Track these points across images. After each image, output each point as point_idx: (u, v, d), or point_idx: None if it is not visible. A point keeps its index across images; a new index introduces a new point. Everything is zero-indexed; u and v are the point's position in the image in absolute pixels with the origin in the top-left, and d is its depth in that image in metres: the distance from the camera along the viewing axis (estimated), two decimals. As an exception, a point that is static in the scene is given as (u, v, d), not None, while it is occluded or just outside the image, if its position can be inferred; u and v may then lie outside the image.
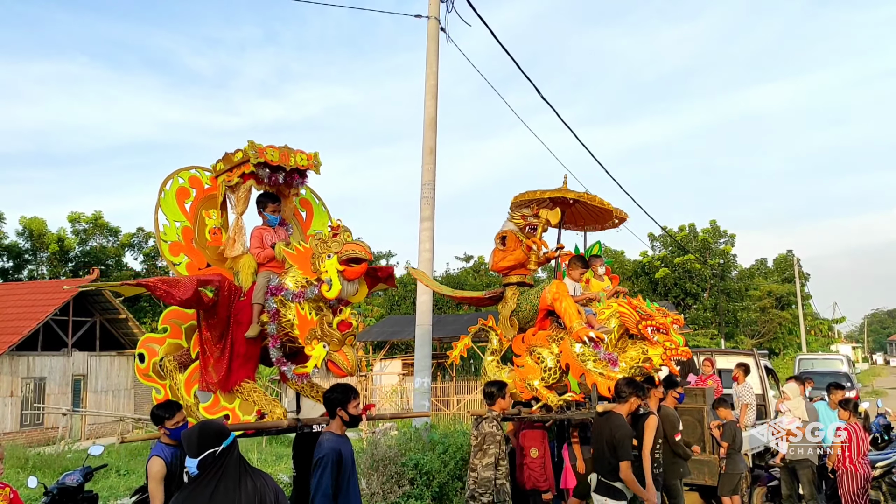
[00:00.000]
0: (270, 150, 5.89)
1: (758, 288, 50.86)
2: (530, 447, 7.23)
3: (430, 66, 12.18)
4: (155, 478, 4.96)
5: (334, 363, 5.34)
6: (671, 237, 47.79)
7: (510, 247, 7.39)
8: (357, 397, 5.12)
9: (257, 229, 6.20)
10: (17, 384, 22.92)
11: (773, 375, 12.76)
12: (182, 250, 6.13)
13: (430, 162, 11.86)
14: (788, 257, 56.47)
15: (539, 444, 7.28)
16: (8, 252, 37.17)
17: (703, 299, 47.43)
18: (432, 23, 12.27)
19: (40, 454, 17.03)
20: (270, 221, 6.22)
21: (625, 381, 6.48)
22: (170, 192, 6.18)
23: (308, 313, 5.37)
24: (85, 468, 7.02)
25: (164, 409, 5.35)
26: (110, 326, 26.42)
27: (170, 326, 6.43)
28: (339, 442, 4.97)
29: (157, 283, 5.52)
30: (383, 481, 9.08)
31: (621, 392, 6.40)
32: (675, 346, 6.75)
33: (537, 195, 7.76)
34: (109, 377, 26.21)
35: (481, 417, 6.37)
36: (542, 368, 7.14)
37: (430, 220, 11.71)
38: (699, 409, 9.19)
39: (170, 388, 6.14)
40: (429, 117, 12.01)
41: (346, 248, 5.40)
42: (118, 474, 14.55)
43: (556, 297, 7.05)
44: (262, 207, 6.25)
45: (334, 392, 5.08)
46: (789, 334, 50.02)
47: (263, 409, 5.75)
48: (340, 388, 5.11)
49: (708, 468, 8.91)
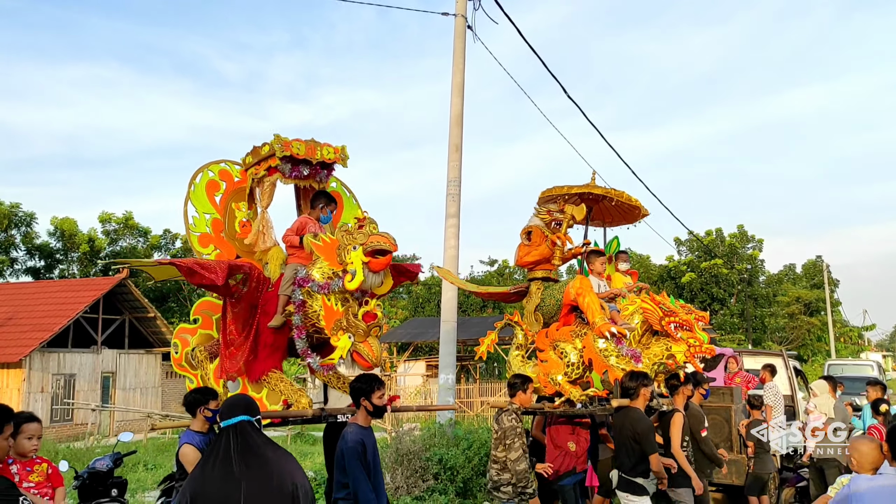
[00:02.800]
0: (297, 143, 5.93)
1: (786, 294, 50.13)
2: (566, 442, 7.25)
3: (456, 63, 12.27)
4: (192, 463, 5.00)
5: (359, 354, 5.38)
6: (698, 241, 47.31)
7: (535, 242, 7.39)
8: (382, 387, 5.13)
9: (305, 217, 6.24)
10: (48, 380, 23.34)
11: (803, 377, 12.61)
12: (212, 242, 6.22)
13: (456, 159, 11.94)
14: (818, 263, 55.57)
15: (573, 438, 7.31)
16: (40, 252, 37.81)
17: (731, 305, 46.88)
18: (459, 20, 12.37)
19: (70, 448, 17.35)
20: (323, 219, 6.29)
21: (627, 377, 6.46)
22: (199, 185, 6.27)
23: (334, 304, 5.42)
24: (115, 454, 7.16)
25: (203, 394, 5.48)
26: (139, 325, 26.82)
27: (201, 317, 6.54)
28: (364, 434, 5.01)
29: (191, 264, 5.60)
30: (408, 476, 9.14)
31: (628, 389, 6.39)
32: (698, 342, 6.72)
33: (564, 190, 7.78)
34: (138, 375, 26.60)
35: (501, 410, 6.39)
36: (565, 363, 7.14)
37: (456, 216, 11.78)
38: (727, 409, 9.14)
39: (201, 378, 6.23)
40: (455, 114, 12.10)
41: (372, 240, 5.43)
42: (146, 468, 14.76)
43: (579, 292, 7.04)
44: (324, 206, 6.30)
45: (359, 382, 5.13)
46: (818, 341, 49.21)
47: (289, 398, 5.81)
48: (365, 377, 5.14)
49: (735, 468, 8.84)
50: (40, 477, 5.42)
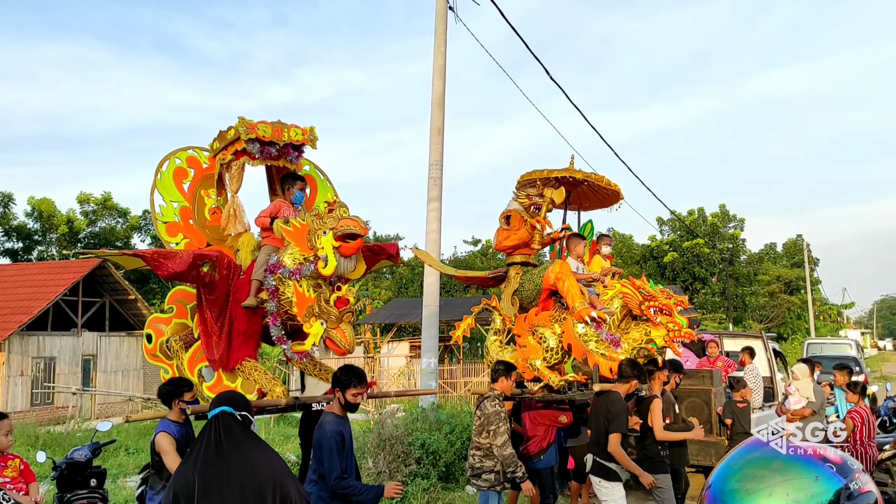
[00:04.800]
0: (262, 125, 5.85)
1: (767, 272, 50.54)
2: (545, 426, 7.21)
3: (438, 45, 12.10)
4: (167, 449, 4.97)
5: (332, 340, 5.32)
6: (680, 221, 47.51)
7: (514, 226, 7.33)
8: (359, 385, 4.81)
9: (279, 201, 6.20)
10: (28, 364, 23.10)
11: (782, 358, 12.69)
12: (180, 230, 6.11)
13: (438, 142, 11.81)
14: (798, 242, 56.05)
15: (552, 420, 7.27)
16: (18, 233, 37.31)
17: (712, 284, 47.20)
18: (440, 1, 12.17)
19: (50, 432, 17.18)
20: (295, 199, 6.22)
21: (629, 363, 6.44)
22: (166, 173, 6.15)
23: (306, 290, 5.35)
24: (93, 444, 7.05)
25: (177, 385, 5.40)
26: (119, 307, 26.56)
27: (175, 307, 6.44)
28: (341, 423, 4.93)
29: (152, 255, 5.55)
30: (390, 460, 9.10)
31: (624, 372, 6.36)
32: (678, 327, 6.70)
33: (544, 174, 7.69)
34: (119, 357, 26.39)
35: (483, 396, 6.35)
36: (544, 348, 7.11)
37: (438, 200, 11.67)
38: (706, 391, 9.18)
39: (177, 368, 6.15)
40: (437, 97, 11.95)
41: (342, 224, 5.34)
42: (127, 453, 14.65)
43: (559, 276, 7.00)
44: (290, 186, 6.24)
45: (342, 373, 4.98)
46: (798, 319, 49.80)
47: (264, 387, 5.75)
48: (350, 370, 4.87)
49: (715, 450, 8.90)
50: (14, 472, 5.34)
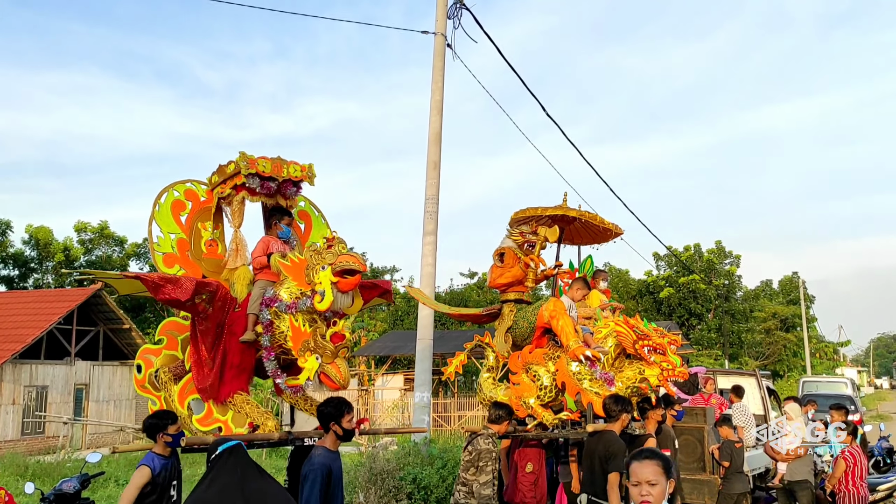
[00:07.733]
0: (262, 161, 5.91)
1: (763, 309, 50.58)
2: (525, 462, 7.19)
3: (435, 81, 12.27)
4: (134, 483, 4.98)
5: (327, 375, 5.33)
6: (676, 257, 47.65)
7: (508, 263, 7.38)
8: (350, 411, 5.12)
9: (266, 238, 6.23)
10: (20, 392, 22.94)
11: (775, 396, 12.69)
12: (177, 262, 6.15)
13: (434, 176, 11.92)
14: (794, 279, 56.16)
15: (535, 461, 7.23)
16: (14, 260, 37.31)
17: (708, 320, 47.19)
18: (439, 39, 12.37)
19: (40, 462, 17.00)
20: (282, 234, 6.25)
21: (612, 399, 6.45)
22: (164, 205, 6.21)
23: (302, 325, 5.37)
24: (82, 475, 6.99)
25: (162, 418, 5.38)
26: (113, 336, 26.46)
27: (166, 338, 6.45)
28: (330, 458, 4.97)
29: (156, 279, 5.58)
30: (381, 495, 9.05)
31: (610, 411, 6.37)
32: (671, 366, 6.72)
33: (538, 212, 7.77)
34: (111, 387, 26.21)
35: (476, 434, 6.35)
36: (537, 386, 7.11)
37: (434, 234, 11.74)
38: (700, 429, 9.15)
39: (165, 400, 6.13)
40: (434, 132, 12.09)
41: (340, 260, 5.38)
42: (116, 484, 14.48)
43: (553, 314, 7.03)
44: (278, 220, 6.27)
45: (328, 406, 5.08)
46: (794, 356, 49.67)
47: (255, 421, 5.73)
48: (334, 402, 5.11)
49: (707, 488, 8.86)
50: None
